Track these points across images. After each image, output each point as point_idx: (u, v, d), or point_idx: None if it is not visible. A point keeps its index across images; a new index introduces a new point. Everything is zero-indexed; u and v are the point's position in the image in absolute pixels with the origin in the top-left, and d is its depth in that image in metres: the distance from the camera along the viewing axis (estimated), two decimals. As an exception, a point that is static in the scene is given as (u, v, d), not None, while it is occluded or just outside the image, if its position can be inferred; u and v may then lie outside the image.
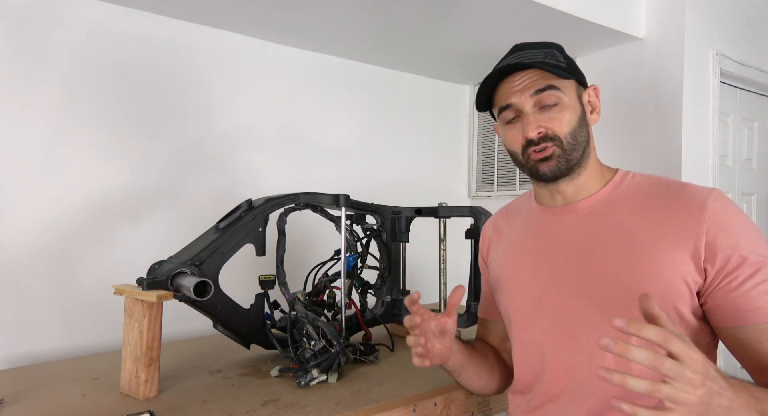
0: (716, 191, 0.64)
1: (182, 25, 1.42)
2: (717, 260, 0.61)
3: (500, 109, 0.72)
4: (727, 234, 0.61)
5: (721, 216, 0.62)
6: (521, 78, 0.70)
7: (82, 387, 0.89)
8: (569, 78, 0.70)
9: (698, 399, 0.45)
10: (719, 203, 0.63)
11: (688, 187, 0.67)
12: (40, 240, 1.21)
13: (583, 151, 0.70)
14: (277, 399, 0.82)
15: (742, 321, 0.60)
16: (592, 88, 0.74)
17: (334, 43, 1.60)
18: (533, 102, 0.69)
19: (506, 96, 0.71)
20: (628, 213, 0.67)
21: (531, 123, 0.68)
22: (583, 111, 0.71)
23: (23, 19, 1.20)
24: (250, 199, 0.99)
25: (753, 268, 0.60)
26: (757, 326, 0.59)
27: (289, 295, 1.02)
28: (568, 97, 0.69)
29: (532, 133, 0.68)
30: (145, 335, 0.81)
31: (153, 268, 0.87)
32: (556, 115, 0.68)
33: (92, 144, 1.29)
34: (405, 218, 1.20)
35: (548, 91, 0.68)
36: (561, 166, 0.69)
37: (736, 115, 1.77)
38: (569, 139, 0.69)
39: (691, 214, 0.63)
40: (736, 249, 0.60)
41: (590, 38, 1.55)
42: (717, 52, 1.55)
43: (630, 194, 0.69)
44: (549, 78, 0.69)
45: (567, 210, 0.73)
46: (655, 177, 0.71)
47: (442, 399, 0.87)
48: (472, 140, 2.12)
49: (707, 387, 0.46)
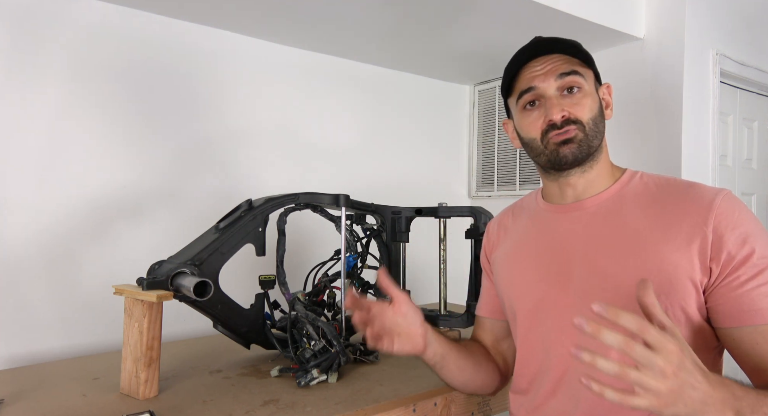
0: (725, 191, 0.64)
1: (183, 25, 1.42)
2: (722, 259, 0.61)
3: (520, 94, 0.71)
4: (733, 233, 0.61)
5: (728, 216, 0.62)
6: (545, 62, 0.69)
7: (82, 387, 0.89)
8: (589, 68, 0.71)
9: (667, 389, 0.45)
10: (727, 203, 0.63)
11: (696, 187, 0.66)
12: (41, 240, 1.21)
13: (600, 143, 0.71)
14: (277, 399, 0.81)
15: (740, 322, 0.60)
16: (606, 86, 0.74)
17: (335, 43, 1.60)
18: (557, 86, 0.68)
19: (529, 80, 0.70)
20: (635, 213, 0.67)
21: (555, 106, 0.67)
22: (600, 103, 0.72)
23: (24, 18, 1.20)
24: (250, 199, 0.99)
25: (756, 269, 0.60)
26: (756, 327, 0.59)
27: (289, 295, 1.02)
28: (589, 86, 0.70)
29: (556, 116, 0.67)
30: (145, 335, 0.81)
31: (153, 268, 0.87)
32: (579, 101, 0.68)
33: (93, 144, 1.29)
34: (405, 218, 1.20)
35: (572, 75, 0.68)
36: (583, 150, 0.68)
37: (736, 115, 1.77)
38: (591, 125, 0.69)
39: (698, 214, 0.63)
40: (740, 249, 0.60)
41: (590, 38, 1.54)
42: (717, 52, 1.55)
43: (638, 193, 0.69)
44: (573, 63, 0.69)
45: (575, 208, 0.72)
46: (664, 177, 0.71)
47: (442, 399, 0.87)
48: (472, 140, 2.12)
49: (680, 378, 0.46)
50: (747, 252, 0.60)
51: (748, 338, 0.60)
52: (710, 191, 0.65)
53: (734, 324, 0.61)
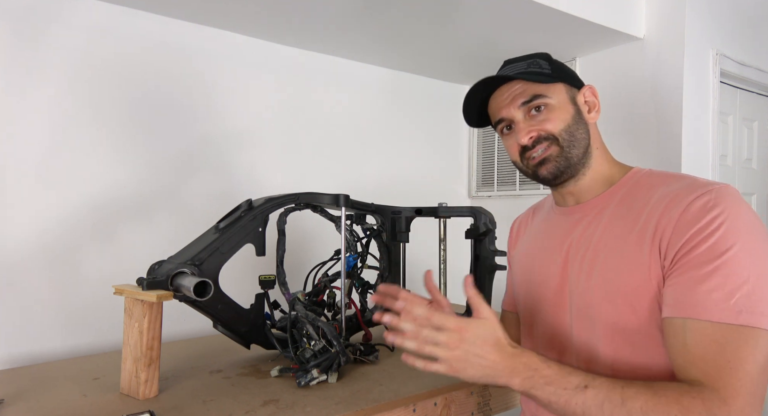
0: (713, 187, 0.60)
1: (184, 25, 1.42)
2: (675, 250, 0.58)
3: (495, 123, 0.76)
4: (696, 225, 0.57)
5: (700, 209, 0.58)
6: (507, 91, 0.72)
7: (82, 387, 0.89)
8: (554, 82, 0.70)
9: (455, 357, 0.59)
10: (706, 198, 0.59)
11: (688, 183, 0.63)
12: (41, 240, 1.21)
13: (585, 150, 0.71)
14: (277, 399, 0.81)
15: (673, 311, 0.57)
16: (587, 88, 0.74)
17: (334, 43, 1.60)
18: (522, 112, 0.71)
19: (497, 111, 0.74)
20: (617, 219, 0.67)
21: (522, 130, 0.71)
22: (577, 110, 0.71)
23: (24, 18, 1.20)
24: (250, 199, 0.99)
25: (707, 262, 0.55)
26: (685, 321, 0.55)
27: (289, 295, 1.02)
28: (557, 100, 0.70)
29: (523, 139, 0.70)
30: (145, 335, 0.81)
31: (153, 268, 0.87)
32: (546, 117, 0.70)
33: (93, 144, 1.29)
34: (405, 218, 1.20)
35: (535, 100, 0.70)
36: (560, 165, 0.70)
37: (736, 115, 1.77)
38: (565, 136, 0.69)
39: (670, 210, 0.61)
40: (696, 237, 0.57)
41: (590, 38, 1.54)
42: (717, 52, 1.55)
43: (628, 194, 0.69)
44: (533, 87, 0.70)
45: (577, 210, 0.74)
46: (666, 174, 0.69)
47: (442, 399, 0.87)
48: (472, 140, 2.12)
49: (463, 349, 0.59)
50: (700, 240, 0.56)
51: (666, 330, 0.58)
52: (695, 186, 0.61)
53: (664, 314, 0.58)
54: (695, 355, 0.55)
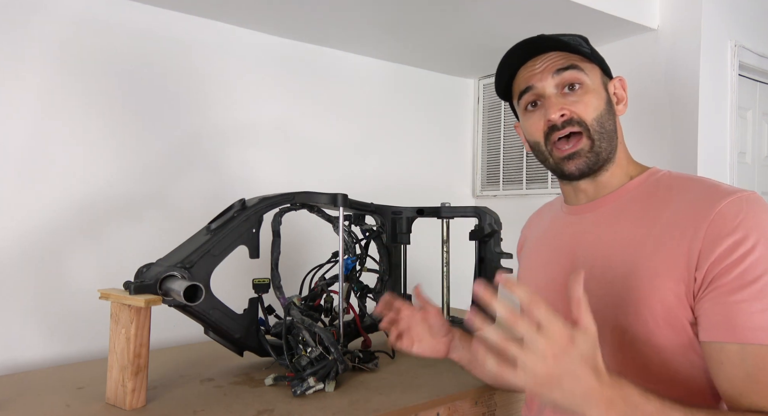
0: (741, 194, 0.57)
1: (173, 15, 1.38)
2: (706, 267, 0.54)
3: (520, 94, 0.69)
4: (728, 238, 0.54)
5: (728, 220, 0.54)
6: (542, 60, 0.67)
7: (66, 397, 0.87)
8: (592, 63, 0.67)
9: (546, 372, 0.45)
10: (733, 206, 0.55)
11: (710, 189, 0.60)
12: (23, 242, 1.18)
13: (612, 144, 0.67)
14: (271, 409, 0.80)
15: (715, 336, 0.53)
16: (618, 79, 0.71)
17: (333, 36, 1.57)
18: (555, 83, 0.66)
19: (526, 79, 0.68)
20: (632, 220, 0.63)
21: (553, 104, 0.65)
22: (609, 99, 0.68)
23: (6, 6, 1.16)
24: (243, 199, 0.98)
25: (745, 280, 0.52)
26: (725, 345, 0.53)
27: (284, 300, 1.01)
28: (592, 81, 0.66)
29: (554, 115, 0.64)
30: (133, 342, 0.80)
31: (141, 271, 0.86)
32: (580, 99, 0.65)
33: (78, 140, 1.25)
34: (406, 219, 1.18)
35: (571, 70, 0.65)
36: (590, 161, 0.65)
37: (755, 109, 1.72)
38: (596, 126, 0.65)
39: (695, 219, 0.57)
40: (731, 254, 0.53)
41: (602, 29, 1.51)
42: (735, 43, 1.51)
43: (643, 197, 0.65)
44: (571, 58, 0.66)
45: (588, 209, 0.70)
46: (686, 177, 0.65)
47: (445, 409, 0.85)
48: (477, 137, 2.08)
49: (560, 365, 0.45)
50: (737, 258, 0.53)
51: (715, 355, 0.54)
52: (721, 194, 0.58)
53: (708, 338, 0.55)
54: (763, 383, 0.51)
